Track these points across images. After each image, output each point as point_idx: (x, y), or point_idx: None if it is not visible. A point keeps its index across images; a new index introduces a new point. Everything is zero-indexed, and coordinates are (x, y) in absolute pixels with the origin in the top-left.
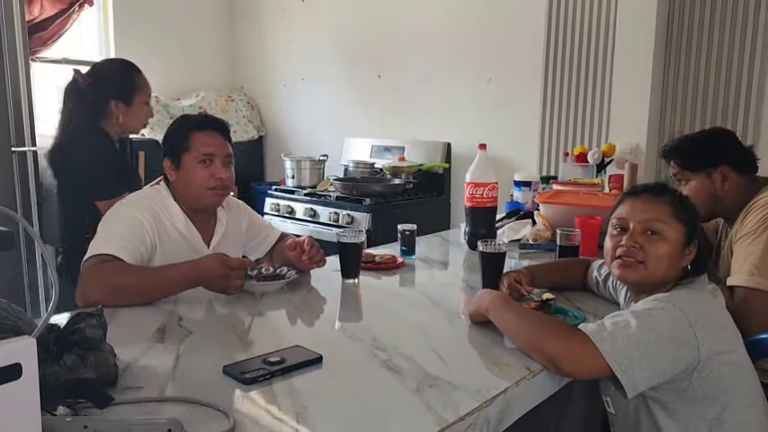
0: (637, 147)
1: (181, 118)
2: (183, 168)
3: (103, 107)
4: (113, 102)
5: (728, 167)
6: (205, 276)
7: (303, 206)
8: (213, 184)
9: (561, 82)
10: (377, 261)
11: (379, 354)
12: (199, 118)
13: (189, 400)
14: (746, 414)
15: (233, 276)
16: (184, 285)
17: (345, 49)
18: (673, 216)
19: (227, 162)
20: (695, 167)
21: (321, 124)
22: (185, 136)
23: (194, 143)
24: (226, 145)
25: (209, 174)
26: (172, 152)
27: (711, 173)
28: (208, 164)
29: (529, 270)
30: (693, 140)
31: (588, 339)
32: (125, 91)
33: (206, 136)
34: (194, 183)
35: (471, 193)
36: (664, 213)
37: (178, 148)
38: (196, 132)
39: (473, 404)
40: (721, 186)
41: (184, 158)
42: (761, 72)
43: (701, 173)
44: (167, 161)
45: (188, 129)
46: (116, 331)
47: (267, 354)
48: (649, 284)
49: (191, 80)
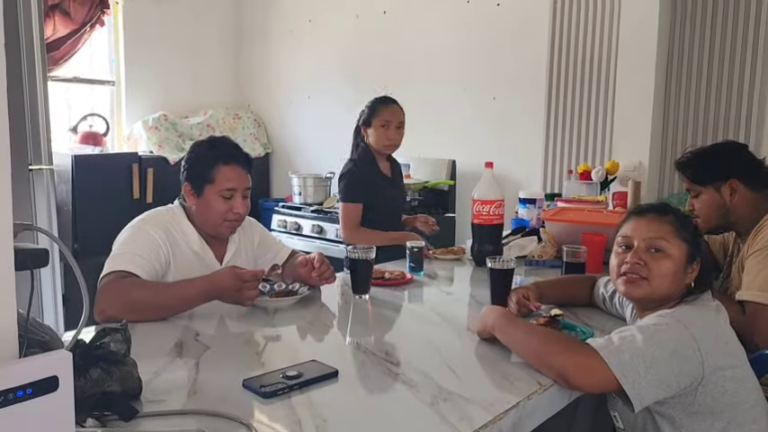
0: (640, 164)
1: (207, 145)
2: (204, 198)
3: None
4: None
5: (737, 181)
6: (219, 291)
7: (310, 223)
8: (231, 218)
9: (565, 100)
10: (386, 277)
11: (393, 368)
12: (225, 149)
13: (212, 413)
14: (751, 429)
15: (246, 288)
16: (199, 301)
17: (351, 67)
18: (675, 234)
19: (245, 194)
20: (703, 181)
21: (327, 142)
22: (210, 167)
23: (219, 177)
24: (247, 178)
25: (227, 207)
26: (194, 179)
27: (720, 186)
28: (228, 197)
29: (537, 286)
30: (702, 154)
31: (596, 353)
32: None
33: (231, 170)
34: (212, 214)
35: (478, 210)
36: (667, 232)
37: (201, 177)
38: (222, 166)
39: (487, 417)
40: (731, 200)
41: (206, 189)
42: (761, 88)
43: (710, 186)
44: (188, 186)
45: (214, 160)
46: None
47: (285, 368)
48: (653, 300)
49: (199, 98)
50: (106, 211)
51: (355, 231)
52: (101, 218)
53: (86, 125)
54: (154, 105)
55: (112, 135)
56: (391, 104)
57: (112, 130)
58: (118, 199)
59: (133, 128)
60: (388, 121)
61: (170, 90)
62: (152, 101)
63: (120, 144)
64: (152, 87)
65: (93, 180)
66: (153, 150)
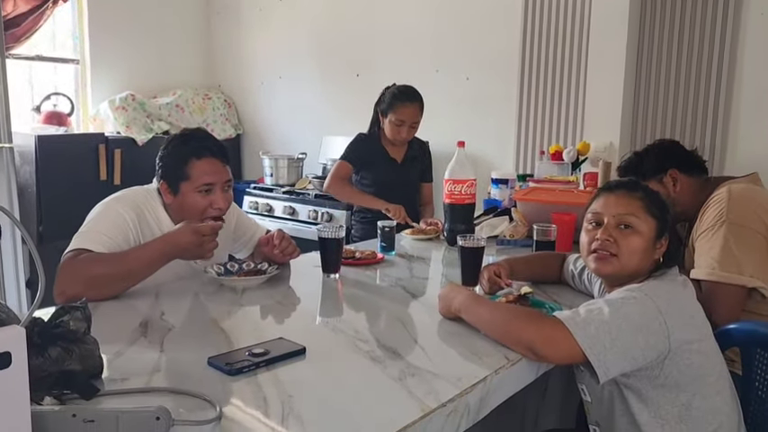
0: (610, 145)
1: (178, 140)
2: (181, 196)
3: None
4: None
5: (676, 170)
6: (178, 248)
7: (282, 204)
8: (212, 215)
9: (537, 81)
10: (357, 257)
11: (361, 345)
12: (197, 143)
13: (175, 391)
14: (715, 401)
15: (206, 241)
16: (160, 261)
17: (323, 47)
18: (645, 211)
19: (226, 188)
20: (646, 176)
21: (299, 123)
22: (184, 163)
23: (194, 173)
24: (225, 170)
25: (207, 203)
26: (168, 177)
27: (662, 178)
28: (207, 193)
29: (508, 263)
30: (640, 154)
31: (562, 325)
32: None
33: (206, 164)
34: (192, 211)
35: (450, 189)
36: (636, 208)
37: (176, 174)
38: (195, 160)
39: (454, 391)
40: (674, 189)
41: (183, 187)
42: (729, 71)
43: (653, 180)
44: (164, 184)
45: (187, 155)
46: (98, 326)
47: (251, 346)
48: (623, 277)
49: (167, 78)
50: (72, 193)
51: (335, 182)
52: (67, 200)
53: (50, 105)
54: (120, 85)
55: (78, 115)
56: (410, 103)
57: (77, 110)
58: (84, 181)
59: (99, 108)
60: (403, 121)
61: (137, 69)
62: (119, 80)
63: (85, 124)
64: (118, 66)
65: (57, 161)
66: (120, 131)
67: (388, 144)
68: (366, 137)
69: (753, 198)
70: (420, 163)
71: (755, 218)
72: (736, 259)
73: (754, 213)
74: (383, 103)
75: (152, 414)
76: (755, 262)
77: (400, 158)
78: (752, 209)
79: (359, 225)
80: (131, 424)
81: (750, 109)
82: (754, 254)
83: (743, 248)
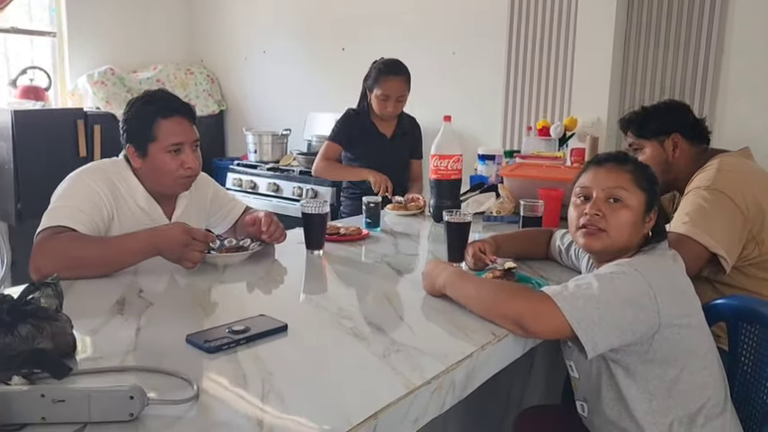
0: (598, 120)
1: (143, 101)
2: (150, 158)
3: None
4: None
5: (680, 136)
6: (165, 244)
7: (266, 181)
8: (183, 174)
9: (524, 57)
10: (341, 233)
11: (345, 322)
12: (163, 102)
13: (150, 369)
14: (702, 376)
15: (193, 246)
16: (143, 254)
17: (308, 21)
18: (634, 183)
19: (195, 147)
20: (649, 135)
21: (284, 98)
22: (150, 124)
23: (161, 133)
24: (193, 130)
25: (178, 163)
26: (136, 140)
27: (663, 140)
28: (176, 153)
29: (494, 239)
30: (647, 111)
31: (550, 299)
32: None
33: (173, 123)
34: (162, 173)
35: (436, 165)
36: (625, 181)
37: (143, 136)
38: (162, 120)
39: (440, 368)
40: (672, 155)
41: (151, 148)
42: (717, 46)
43: (654, 140)
44: (131, 148)
45: (153, 115)
46: (73, 304)
47: (231, 323)
48: (612, 252)
49: (148, 52)
50: (51, 170)
51: (322, 163)
52: (45, 177)
53: (27, 79)
54: (99, 59)
55: (55, 90)
56: (394, 77)
57: (55, 85)
58: (63, 157)
59: (77, 82)
60: (388, 95)
61: (117, 43)
62: (97, 54)
63: (63, 99)
64: (97, 39)
65: (35, 137)
66: (100, 106)
67: (377, 119)
68: (355, 112)
69: (742, 173)
70: (410, 139)
71: (739, 192)
72: (708, 222)
73: (739, 188)
74: (369, 78)
75: (125, 393)
76: (725, 232)
77: (390, 134)
78: (738, 183)
79: (348, 201)
80: (103, 403)
81: (738, 84)
82: (726, 224)
83: (718, 215)
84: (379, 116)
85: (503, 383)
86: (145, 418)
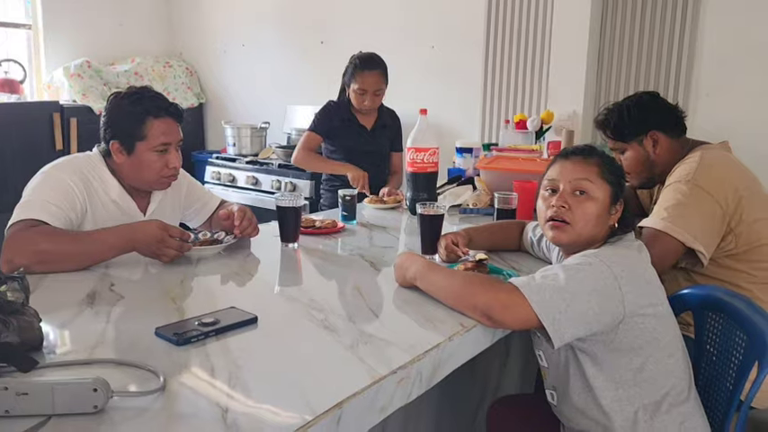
0: (574, 113)
1: (131, 98)
2: (136, 156)
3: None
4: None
5: (658, 131)
6: (141, 240)
7: (245, 174)
8: (167, 174)
9: (502, 50)
10: (317, 226)
11: (316, 314)
12: (155, 102)
13: (116, 362)
14: (667, 364)
15: (169, 243)
16: (118, 250)
17: (287, 14)
18: (599, 176)
19: (178, 147)
20: (626, 138)
21: (263, 92)
22: (141, 122)
23: (152, 132)
24: (179, 131)
25: (163, 163)
26: (123, 136)
27: (642, 140)
28: (162, 153)
29: (466, 232)
30: (620, 111)
31: (517, 290)
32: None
33: (164, 124)
34: (147, 171)
35: (413, 158)
36: (591, 173)
37: (131, 134)
38: (153, 120)
39: (406, 358)
40: (654, 152)
41: (138, 146)
42: (690, 40)
43: (633, 141)
44: (116, 144)
45: (144, 115)
46: (42, 298)
47: (201, 315)
48: (580, 244)
49: (125, 44)
50: (27, 164)
51: (302, 153)
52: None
53: (1, 72)
54: (76, 51)
55: (31, 83)
56: (369, 71)
57: (31, 78)
58: (39, 151)
59: (53, 75)
60: (365, 90)
61: (94, 35)
62: (74, 46)
63: (39, 92)
64: (73, 32)
65: (10, 130)
66: (76, 99)
67: (357, 112)
68: (336, 104)
69: (722, 167)
70: (390, 131)
71: (719, 188)
72: (686, 217)
73: (719, 182)
74: (347, 74)
75: (89, 385)
76: (703, 227)
77: (370, 126)
78: (718, 177)
79: (328, 194)
80: (67, 396)
81: (710, 78)
82: (704, 219)
83: (696, 211)
84: (359, 110)
85: (478, 373)
86: (110, 410)
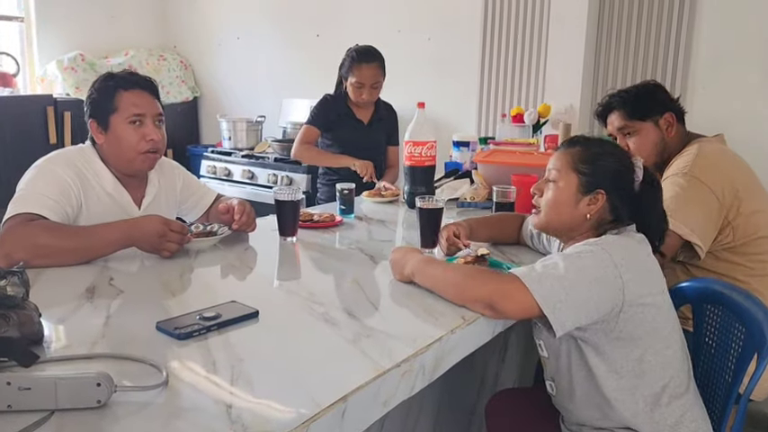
0: (571, 107)
1: (104, 76)
2: (112, 131)
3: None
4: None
5: (672, 115)
6: (141, 235)
7: (241, 168)
8: (145, 147)
9: (499, 43)
10: (315, 219)
11: (316, 308)
12: (124, 76)
13: (119, 356)
14: (666, 355)
15: (170, 237)
16: (119, 245)
17: (282, 7)
18: (568, 166)
19: (157, 122)
20: (643, 115)
21: (258, 85)
22: (111, 96)
23: (122, 103)
24: (155, 103)
25: (140, 136)
26: (98, 113)
27: (658, 120)
28: (138, 125)
29: (468, 223)
30: (635, 92)
31: (518, 279)
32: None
33: (134, 95)
34: (125, 146)
35: (410, 151)
36: (561, 163)
37: (104, 109)
38: (123, 92)
39: (409, 351)
40: (667, 134)
41: (112, 120)
42: (687, 35)
43: (649, 120)
44: (93, 123)
45: (114, 88)
46: (41, 292)
47: (202, 309)
48: (558, 231)
49: (119, 37)
50: (20, 158)
51: (301, 146)
52: (14, 165)
53: None
54: (69, 44)
55: (24, 76)
56: (367, 65)
57: (24, 71)
58: (32, 144)
59: (47, 68)
60: (362, 83)
61: (87, 28)
62: (67, 39)
63: (32, 86)
64: (67, 24)
65: (3, 124)
66: (70, 93)
67: (354, 105)
68: (333, 98)
69: (720, 160)
70: (387, 125)
71: (717, 180)
72: (684, 211)
73: (717, 175)
74: (344, 66)
75: (92, 380)
76: (700, 220)
77: (367, 119)
78: (716, 170)
79: (325, 188)
80: (70, 390)
81: (707, 72)
82: (701, 212)
83: (693, 203)
84: (356, 103)
85: (477, 367)
86: (113, 405)
